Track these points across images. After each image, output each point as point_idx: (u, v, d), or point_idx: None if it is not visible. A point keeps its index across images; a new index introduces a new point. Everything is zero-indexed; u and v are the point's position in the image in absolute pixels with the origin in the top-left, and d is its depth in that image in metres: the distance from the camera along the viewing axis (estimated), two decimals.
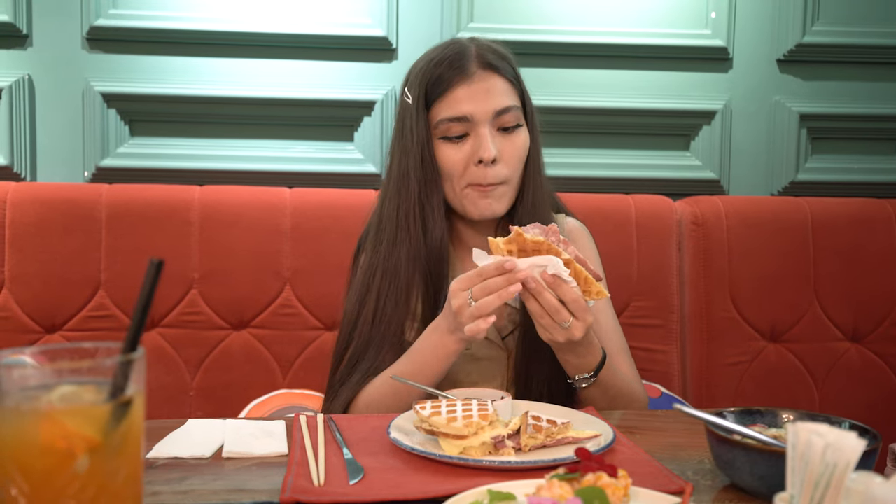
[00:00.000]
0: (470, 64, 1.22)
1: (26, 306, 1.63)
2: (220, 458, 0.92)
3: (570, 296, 1.05)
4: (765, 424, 0.89)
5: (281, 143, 1.92)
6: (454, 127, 1.22)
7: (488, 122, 1.22)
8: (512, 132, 1.24)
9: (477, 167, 1.21)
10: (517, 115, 1.24)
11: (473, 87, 1.21)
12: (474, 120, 1.21)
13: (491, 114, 1.21)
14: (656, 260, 1.74)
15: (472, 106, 1.21)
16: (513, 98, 1.24)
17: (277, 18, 1.86)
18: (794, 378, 1.77)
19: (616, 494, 0.69)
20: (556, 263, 1.05)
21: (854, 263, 1.78)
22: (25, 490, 0.54)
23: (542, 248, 1.05)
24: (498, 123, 1.23)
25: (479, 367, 1.27)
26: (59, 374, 0.58)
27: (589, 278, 1.07)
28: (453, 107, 1.21)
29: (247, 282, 1.67)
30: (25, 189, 1.66)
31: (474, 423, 0.89)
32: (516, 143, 1.24)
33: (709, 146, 2.00)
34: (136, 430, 0.59)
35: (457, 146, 1.23)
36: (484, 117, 1.21)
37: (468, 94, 1.21)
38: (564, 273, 1.05)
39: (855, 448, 0.54)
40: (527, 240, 1.05)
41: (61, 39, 1.84)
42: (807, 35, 1.98)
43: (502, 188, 1.24)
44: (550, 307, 1.05)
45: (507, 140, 1.23)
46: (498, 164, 1.22)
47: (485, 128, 1.21)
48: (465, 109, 1.21)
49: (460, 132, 1.23)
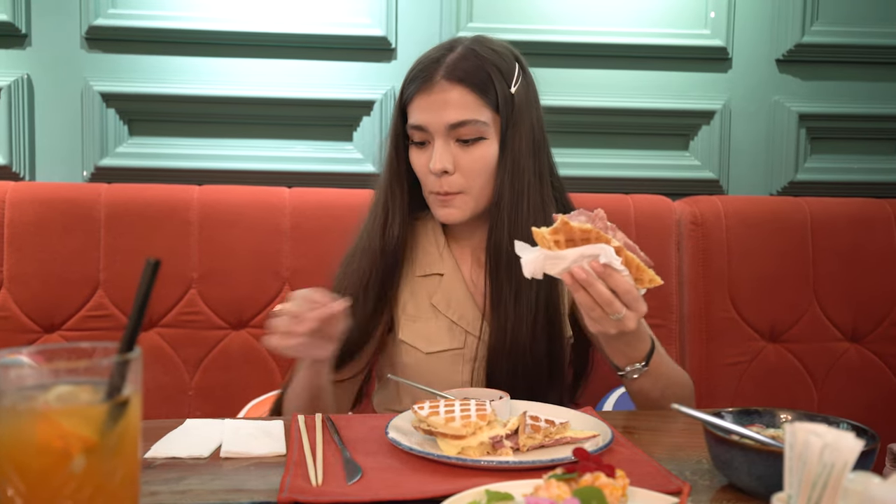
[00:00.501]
0: (436, 72, 1.20)
1: (25, 306, 1.62)
2: (218, 458, 0.92)
3: (622, 286, 1.00)
4: (763, 424, 0.89)
5: (280, 143, 1.92)
6: (416, 134, 1.23)
7: (443, 133, 1.20)
8: (471, 145, 1.21)
9: (432, 177, 1.22)
10: (477, 129, 1.20)
11: (431, 97, 1.20)
12: (429, 130, 1.21)
13: (444, 126, 1.19)
14: (655, 260, 1.70)
15: (427, 116, 1.20)
16: (475, 112, 1.19)
17: (277, 18, 1.86)
18: (794, 378, 1.77)
19: (614, 494, 0.69)
20: (608, 252, 0.99)
21: (853, 263, 1.78)
22: (22, 490, 0.54)
23: (590, 235, 0.99)
24: (455, 135, 1.20)
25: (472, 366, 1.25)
26: (55, 374, 0.58)
27: (641, 266, 1.01)
28: (413, 115, 1.22)
29: (246, 282, 1.67)
30: (24, 189, 1.65)
31: (472, 423, 0.89)
32: (474, 156, 1.21)
33: (708, 146, 2.00)
34: (133, 430, 0.59)
35: (420, 152, 1.24)
36: (437, 129, 1.20)
37: (426, 104, 1.20)
38: (616, 262, 0.99)
39: (853, 448, 0.54)
40: (574, 228, 0.99)
41: (60, 39, 1.84)
42: (806, 35, 1.98)
43: (460, 198, 1.23)
44: (603, 299, 1.00)
45: (465, 152, 1.21)
46: (454, 174, 1.21)
47: (440, 139, 1.20)
48: (420, 119, 1.21)
49: (421, 139, 1.23)
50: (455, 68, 1.20)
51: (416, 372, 1.26)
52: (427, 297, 1.28)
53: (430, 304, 1.28)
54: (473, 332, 1.26)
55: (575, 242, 1.00)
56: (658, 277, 1.02)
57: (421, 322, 1.27)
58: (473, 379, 1.25)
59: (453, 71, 1.19)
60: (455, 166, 1.21)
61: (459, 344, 1.26)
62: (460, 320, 1.27)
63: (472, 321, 1.27)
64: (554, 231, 1.00)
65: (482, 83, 1.20)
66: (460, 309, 1.27)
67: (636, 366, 1.13)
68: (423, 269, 1.30)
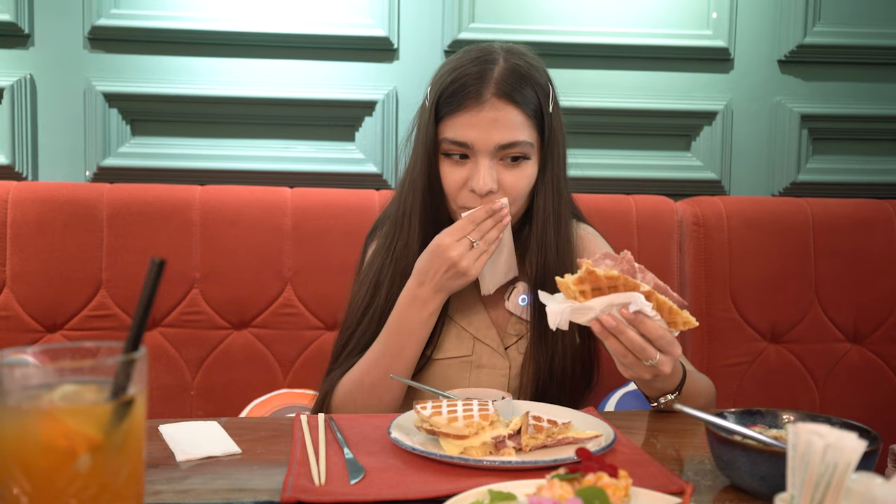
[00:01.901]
0: (486, 89, 1.16)
1: (27, 305, 1.63)
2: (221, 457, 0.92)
3: (655, 332, 0.96)
4: (765, 425, 0.89)
5: (282, 143, 1.92)
6: (454, 148, 1.19)
7: (489, 152, 1.17)
8: (517, 164, 1.19)
9: (471, 193, 1.19)
10: (524, 149, 1.18)
11: (482, 115, 1.16)
12: (475, 148, 1.17)
13: (493, 146, 1.17)
14: (657, 260, 1.74)
15: (476, 134, 1.17)
16: (525, 132, 1.18)
17: (279, 18, 1.86)
18: (795, 379, 1.77)
19: (616, 495, 0.69)
20: (638, 300, 0.94)
21: (855, 264, 1.78)
22: (27, 489, 0.55)
23: (618, 282, 0.95)
24: (501, 154, 1.18)
25: (479, 374, 1.26)
26: (60, 374, 0.58)
27: (674, 308, 0.96)
28: (457, 130, 1.18)
29: (248, 281, 1.67)
30: (27, 188, 1.66)
31: (475, 423, 0.89)
32: (517, 176, 1.19)
33: (710, 147, 2.00)
34: (138, 429, 0.59)
35: (456, 166, 1.20)
36: (485, 148, 1.17)
37: (474, 121, 1.16)
38: (647, 308, 0.95)
39: (855, 449, 0.54)
40: (600, 276, 0.94)
41: (63, 39, 1.84)
42: (808, 36, 1.98)
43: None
44: (635, 346, 0.96)
45: (510, 172, 1.19)
46: (495, 194, 1.19)
47: (485, 158, 1.17)
48: (467, 136, 1.17)
49: (461, 153, 1.19)
50: (504, 86, 1.17)
51: (421, 377, 1.27)
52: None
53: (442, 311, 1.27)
54: (483, 339, 1.27)
55: (602, 291, 0.96)
56: (693, 319, 0.97)
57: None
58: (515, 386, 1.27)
59: (503, 89, 1.17)
60: (498, 186, 1.19)
61: (468, 351, 1.27)
62: (469, 327, 1.28)
63: (480, 329, 1.28)
64: (579, 280, 0.95)
65: (530, 103, 1.18)
66: (470, 316, 1.28)
67: (668, 397, 1.10)
68: None
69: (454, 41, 1.90)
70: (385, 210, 1.38)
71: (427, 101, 1.23)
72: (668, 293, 0.97)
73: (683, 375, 1.11)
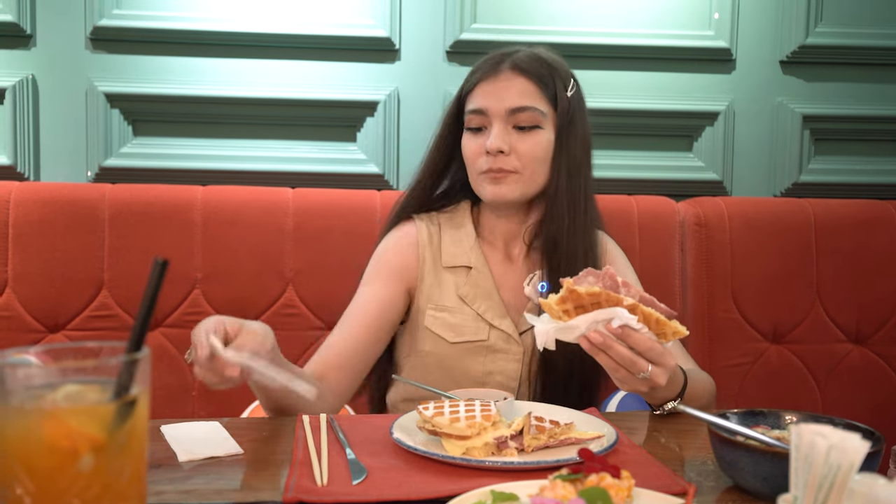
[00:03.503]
0: (501, 64, 1.29)
1: (29, 306, 1.63)
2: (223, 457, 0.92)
3: (643, 345, 0.96)
4: (768, 426, 0.89)
5: (284, 144, 1.92)
6: (474, 119, 1.29)
7: (502, 117, 1.27)
8: (527, 132, 1.27)
9: (487, 157, 1.27)
10: (535, 117, 1.27)
11: (497, 83, 1.28)
12: (489, 114, 1.27)
13: (504, 110, 1.26)
14: (659, 261, 1.74)
15: (489, 101, 1.27)
16: (534, 100, 1.27)
17: (281, 19, 1.86)
18: (797, 379, 1.77)
19: (619, 495, 0.69)
20: (622, 314, 0.94)
21: (857, 265, 1.77)
22: (30, 489, 0.55)
23: (600, 298, 0.95)
24: (513, 121, 1.27)
25: (494, 358, 1.28)
26: (63, 374, 0.58)
27: (661, 319, 0.96)
28: (475, 100, 1.29)
29: (249, 282, 1.67)
30: (29, 189, 1.66)
31: (477, 423, 0.89)
32: (530, 142, 1.27)
33: (711, 147, 2.00)
34: (141, 429, 0.59)
35: (475, 136, 1.30)
36: (497, 112, 1.27)
37: (490, 89, 1.28)
38: (632, 321, 0.95)
39: (858, 449, 0.54)
40: (581, 294, 0.94)
41: (65, 39, 1.85)
42: (810, 36, 1.97)
43: (513, 177, 1.27)
44: (624, 360, 0.96)
45: (521, 138, 1.27)
46: (509, 155, 1.27)
47: (498, 122, 1.27)
48: (482, 103, 1.28)
49: (479, 124, 1.29)
50: (519, 61, 1.29)
51: (437, 360, 1.29)
52: (454, 288, 1.32)
53: (457, 296, 1.31)
54: (499, 326, 1.29)
55: (585, 308, 0.96)
56: (682, 328, 0.97)
57: (447, 312, 1.30)
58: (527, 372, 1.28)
59: (518, 63, 1.29)
60: (511, 149, 1.27)
61: (483, 336, 1.29)
62: (485, 313, 1.30)
63: (496, 315, 1.30)
64: (561, 300, 0.96)
65: (542, 77, 1.28)
66: (486, 302, 1.30)
67: (669, 405, 1.09)
68: (451, 261, 1.33)
69: (456, 42, 1.90)
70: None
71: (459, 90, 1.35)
72: (654, 304, 0.97)
73: (684, 382, 1.10)
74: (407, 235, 1.35)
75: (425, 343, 1.30)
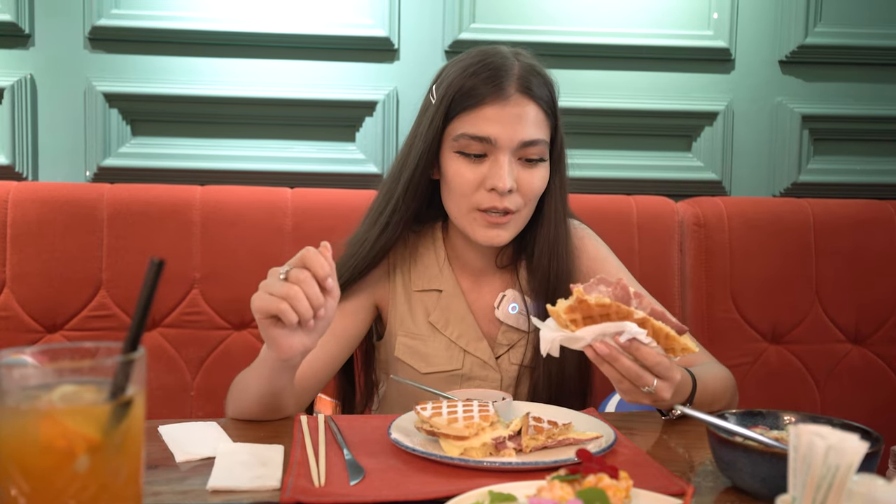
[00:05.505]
0: (509, 84, 1.14)
1: (27, 306, 1.63)
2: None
3: (651, 360, 0.93)
4: (766, 426, 0.89)
5: (282, 144, 1.92)
6: (474, 145, 1.15)
7: (511, 150, 1.14)
8: (534, 165, 1.17)
9: (488, 193, 1.15)
10: (542, 150, 1.17)
11: (506, 110, 1.14)
12: (497, 144, 1.14)
13: (517, 143, 1.14)
14: (658, 261, 1.74)
15: (499, 129, 1.13)
16: (543, 131, 1.17)
17: (279, 19, 1.86)
18: (796, 380, 1.77)
19: (617, 496, 0.69)
20: (630, 329, 0.92)
21: (856, 265, 1.77)
22: (25, 490, 0.54)
23: (610, 310, 0.92)
24: (521, 154, 1.16)
25: (469, 387, 1.22)
26: (59, 374, 0.58)
27: (671, 334, 0.93)
28: (478, 125, 1.14)
29: (248, 282, 1.65)
30: (27, 189, 1.66)
31: (475, 423, 0.89)
32: (534, 177, 1.17)
33: (710, 147, 2.00)
34: (137, 429, 0.59)
35: (472, 165, 1.16)
36: (508, 144, 1.14)
37: (498, 115, 1.13)
38: (641, 335, 0.92)
39: (857, 450, 0.53)
40: (591, 305, 0.91)
41: (63, 39, 1.84)
42: (809, 36, 1.97)
43: (513, 219, 1.18)
44: (630, 373, 0.94)
45: (527, 172, 1.16)
46: (513, 193, 1.16)
47: (506, 155, 1.14)
48: (490, 131, 1.14)
49: (479, 151, 1.15)
50: (525, 81, 1.15)
51: (410, 389, 1.20)
52: (424, 314, 1.25)
53: (428, 322, 1.25)
54: (473, 352, 1.24)
55: (594, 319, 0.93)
56: (692, 345, 0.95)
57: (419, 341, 1.25)
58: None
59: (525, 84, 1.15)
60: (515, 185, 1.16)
61: (458, 364, 1.24)
62: (459, 339, 1.24)
63: (471, 339, 1.24)
64: (570, 309, 0.93)
65: (548, 101, 1.18)
66: (459, 326, 1.25)
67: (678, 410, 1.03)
68: (422, 285, 1.27)
69: (455, 41, 1.90)
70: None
71: (433, 98, 1.20)
72: (665, 318, 0.95)
73: (693, 389, 1.05)
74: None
75: (398, 371, 1.25)
